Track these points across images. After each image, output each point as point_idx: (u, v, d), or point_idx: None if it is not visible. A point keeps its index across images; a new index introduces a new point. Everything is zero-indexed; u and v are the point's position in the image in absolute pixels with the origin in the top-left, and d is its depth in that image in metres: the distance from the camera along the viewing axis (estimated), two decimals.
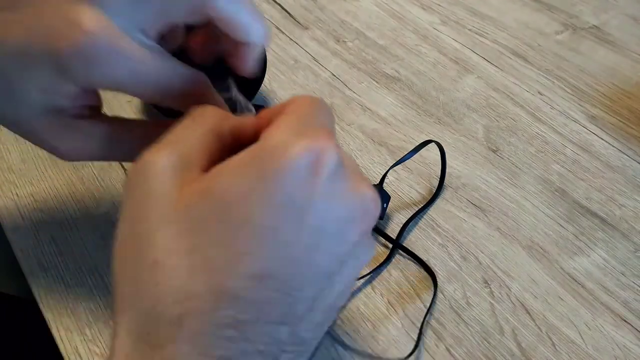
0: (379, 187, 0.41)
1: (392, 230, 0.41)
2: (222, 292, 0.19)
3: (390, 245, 0.40)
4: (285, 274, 0.20)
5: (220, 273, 0.19)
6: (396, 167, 0.46)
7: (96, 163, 0.45)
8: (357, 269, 0.24)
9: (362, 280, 0.38)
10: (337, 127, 0.49)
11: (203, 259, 0.20)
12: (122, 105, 0.50)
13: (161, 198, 0.21)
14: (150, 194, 0.21)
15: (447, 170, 0.45)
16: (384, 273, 0.39)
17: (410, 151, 0.43)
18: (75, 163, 0.45)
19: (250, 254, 0.20)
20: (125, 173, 0.45)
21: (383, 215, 0.41)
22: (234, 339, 0.19)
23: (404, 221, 0.42)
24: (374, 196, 0.23)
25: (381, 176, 0.42)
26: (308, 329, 0.22)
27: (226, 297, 0.19)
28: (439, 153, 0.46)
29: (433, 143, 0.43)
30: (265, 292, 0.20)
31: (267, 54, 0.57)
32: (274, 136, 0.21)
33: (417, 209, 0.43)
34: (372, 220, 0.23)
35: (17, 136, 0.31)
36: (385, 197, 0.41)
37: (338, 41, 0.59)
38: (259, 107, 0.29)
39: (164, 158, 0.21)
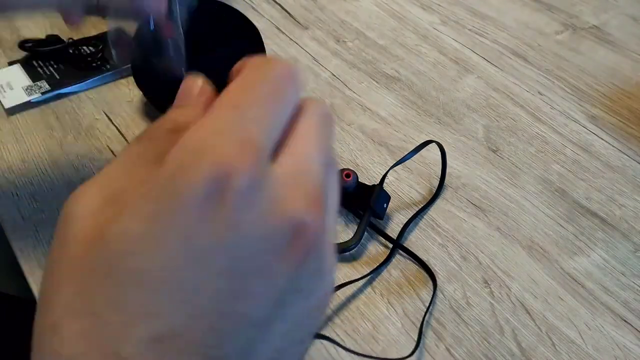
0: (379, 187, 0.41)
1: (392, 230, 0.41)
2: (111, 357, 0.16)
3: (390, 245, 0.40)
4: (193, 331, 0.17)
5: (114, 339, 0.16)
6: (396, 167, 0.46)
7: (96, 163, 0.45)
8: (312, 303, 0.20)
9: (362, 281, 0.38)
10: (337, 127, 0.49)
11: (96, 323, 0.16)
12: (121, 105, 0.50)
13: (73, 239, 0.18)
14: (64, 243, 0.18)
15: (447, 170, 0.45)
16: (384, 273, 0.39)
17: (411, 151, 0.43)
18: (75, 163, 0.45)
19: (147, 314, 0.16)
20: None
21: (383, 216, 0.41)
22: None
23: (404, 221, 0.42)
24: (304, 214, 0.18)
25: (381, 176, 0.42)
26: None
27: None
28: (439, 153, 0.46)
29: (433, 143, 0.43)
30: (170, 356, 0.16)
31: (267, 53, 0.57)
32: (182, 148, 0.17)
33: (417, 209, 0.43)
34: (308, 245, 0.18)
35: (17, 136, 0.31)
36: (385, 198, 0.41)
37: (338, 41, 0.59)
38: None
39: (91, 197, 0.18)
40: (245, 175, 0.16)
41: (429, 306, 0.37)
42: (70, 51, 0.54)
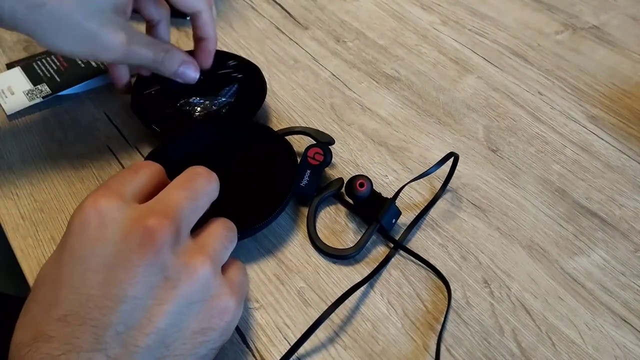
0: (391, 202, 0.41)
1: (394, 230, 0.41)
2: (37, 337, 0.25)
3: (392, 245, 0.40)
4: (82, 309, 0.26)
5: (35, 324, 0.26)
6: (396, 167, 0.46)
7: (96, 163, 0.45)
8: (184, 291, 0.28)
9: (359, 278, 0.38)
10: (337, 127, 0.49)
11: (30, 316, 0.27)
12: (121, 105, 0.50)
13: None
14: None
15: (447, 170, 0.45)
16: (384, 273, 0.39)
17: (433, 166, 0.42)
18: (75, 163, 0.45)
19: (54, 303, 0.26)
20: None
21: (390, 231, 0.41)
22: None
23: (405, 222, 0.42)
24: (151, 222, 0.28)
25: (395, 191, 0.42)
26: (139, 347, 0.26)
27: (41, 339, 0.25)
28: (441, 155, 0.46)
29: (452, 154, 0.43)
30: (69, 328, 0.25)
31: (267, 53, 0.57)
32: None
33: (418, 211, 0.43)
34: (156, 240, 0.27)
35: (17, 136, 0.33)
36: (395, 213, 0.41)
37: (338, 41, 0.59)
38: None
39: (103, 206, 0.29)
40: (106, 203, 0.28)
41: (444, 322, 0.37)
42: None
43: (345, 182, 0.42)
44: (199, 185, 0.31)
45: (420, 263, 0.39)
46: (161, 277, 0.27)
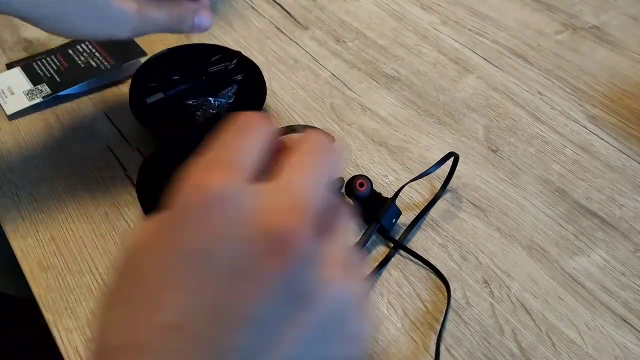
0: (391, 201, 0.41)
1: (394, 230, 0.41)
2: (139, 346, 0.19)
3: (391, 245, 0.40)
4: (197, 323, 0.19)
5: (135, 327, 0.20)
6: (396, 167, 0.46)
7: (96, 163, 0.45)
8: (322, 312, 0.21)
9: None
10: (337, 127, 0.49)
11: (123, 314, 0.20)
12: (121, 105, 0.50)
13: (116, 270, 0.22)
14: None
15: (447, 170, 0.45)
16: (384, 273, 0.39)
17: (433, 165, 0.42)
18: (75, 163, 0.45)
19: (159, 305, 0.20)
20: (126, 174, 0.45)
21: (390, 231, 0.41)
22: None
23: (406, 222, 0.42)
24: (289, 226, 0.20)
25: (395, 191, 0.42)
26: None
27: (143, 350, 0.19)
28: (441, 155, 0.46)
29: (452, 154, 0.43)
30: (180, 344, 0.19)
31: (267, 53, 0.57)
32: (186, 177, 0.22)
33: (418, 211, 0.43)
34: (292, 251, 0.20)
35: (17, 136, 0.32)
36: (395, 213, 0.41)
37: (338, 41, 0.59)
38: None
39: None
40: (227, 188, 0.20)
41: (443, 322, 0.37)
42: (70, 52, 0.54)
43: (345, 182, 0.42)
44: (326, 168, 0.24)
45: (420, 263, 0.39)
46: (294, 295, 0.21)
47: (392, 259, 0.40)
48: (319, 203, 0.23)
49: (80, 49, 0.54)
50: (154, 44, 0.54)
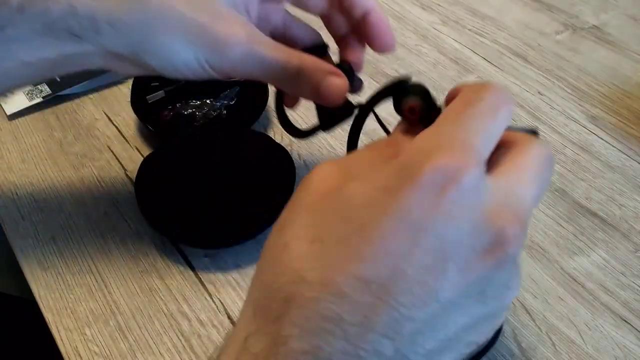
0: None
1: None
2: (330, 286, 0.20)
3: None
4: (392, 285, 0.20)
5: (332, 268, 0.20)
6: None
7: (96, 163, 0.45)
8: (489, 310, 0.23)
9: None
10: (337, 127, 0.49)
11: (321, 251, 0.21)
12: (121, 105, 0.50)
13: (313, 190, 0.23)
14: (304, 193, 0.23)
15: None
16: None
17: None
18: (75, 163, 0.45)
19: (362, 257, 0.20)
20: (126, 174, 0.45)
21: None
22: (334, 333, 0.20)
23: None
24: (510, 229, 0.21)
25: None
26: (418, 353, 0.21)
27: (332, 291, 0.20)
28: None
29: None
30: (370, 298, 0.20)
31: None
32: (415, 147, 0.22)
33: None
34: (506, 255, 0.21)
35: (17, 136, 0.32)
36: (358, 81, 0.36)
37: None
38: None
39: (330, 168, 0.24)
40: (469, 176, 0.20)
41: None
42: None
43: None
44: (549, 175, 0.24)
45: None
46: (479, 290, 0.22)
47: None
48: (533, 206, 0.23)
49: None
50: None
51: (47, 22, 0.28)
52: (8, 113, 0.49)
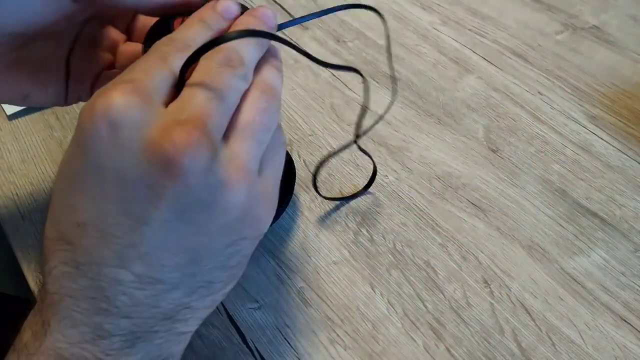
0: None
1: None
2: (61, 238, 0.24)
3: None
4: (102, 222, 0.23)
5: (59, 222, 0.24)
6: (396, 167, 0.46)
7: None
8: (219, 216, 0.24)
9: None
10: (337, 127, 0.49)
11: (52, 210, 0.25)
12: None
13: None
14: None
15: (448, 170, 0.46)
16: (384, 272, 0.39)
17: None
18: None
19: (74, 206, 0.23)
20: None
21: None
22: (73, 275, 0.23)
23: (404, 220, 0.42)
24: (169, 151, 0.22)
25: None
26: (161, 270, 0.24)
27: (63, 242, 0.24)
28: (439, 153, 0.46)
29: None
30: (90, 239, 0.23)
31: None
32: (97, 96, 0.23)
33: (417, 210, 0.43)
34: (181, 170, 0.22)
35: (16, 136, 0.32)
36: None
37: (338, 41, 0.59)
38: None
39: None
40: (124, 113, 0.22)
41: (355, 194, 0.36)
42: None
43: None
44: (226, 81, 0.24)
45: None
46: (191, 200, 0.23)
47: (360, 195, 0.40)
48: (217, 116, 0.23)
49: None
50: None
51: None
52: (8, 113, 0.49)
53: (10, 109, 0.49)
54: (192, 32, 0.26)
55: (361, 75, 0.30)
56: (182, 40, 0.25)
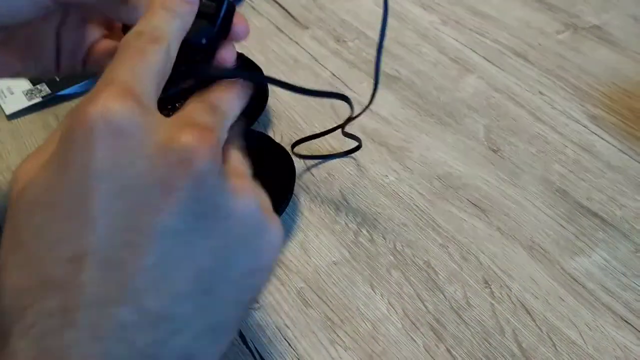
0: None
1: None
2: (43, 285, 0.19)
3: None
4: (102, 248, 0.19)
5: (38, 265, 0.19)
6: (397, 167, 0.46)
7: None
8: (230, 224, 0.22)
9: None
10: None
11: (26, 254, 0.19)
12: None
13: (8, 210, 0.21)
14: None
15: (448, 170, 0.45)
16: (385, 273, 0.39)
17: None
18: None
19: (60, 239, 0.19)
20: None
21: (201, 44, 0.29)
22: (61, 329, 0.18)
23: (404, 221, 0.42)
24: (186, 145, 0.20)
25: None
26: (166, 299, 0.20)
27: (48, 288, 0.19)
28: (439, 153, 0.46)
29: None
30: (88, 272, 0.19)
31: (267, 53, 0.57)
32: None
33: (418, 211, 0.43)
34: (189, 171, 0.20)
35: (17, 136, 0.31)
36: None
37: (338, 41, 0.59)
38: None
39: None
40: (114, 117, 0.20)
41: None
42: None
43: None
44: (228, 105, 0.25)
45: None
46: (207, 202, 0.21)
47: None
48: (222, 126, 0.23)
49: None
50: None
51: None
52: (7, 113, 0.49)
53: (10, 108, 0.49)
54: (157, 21, 0.24)
55: (349, 103, 0.35)
56: (150, 33, 0.24)
